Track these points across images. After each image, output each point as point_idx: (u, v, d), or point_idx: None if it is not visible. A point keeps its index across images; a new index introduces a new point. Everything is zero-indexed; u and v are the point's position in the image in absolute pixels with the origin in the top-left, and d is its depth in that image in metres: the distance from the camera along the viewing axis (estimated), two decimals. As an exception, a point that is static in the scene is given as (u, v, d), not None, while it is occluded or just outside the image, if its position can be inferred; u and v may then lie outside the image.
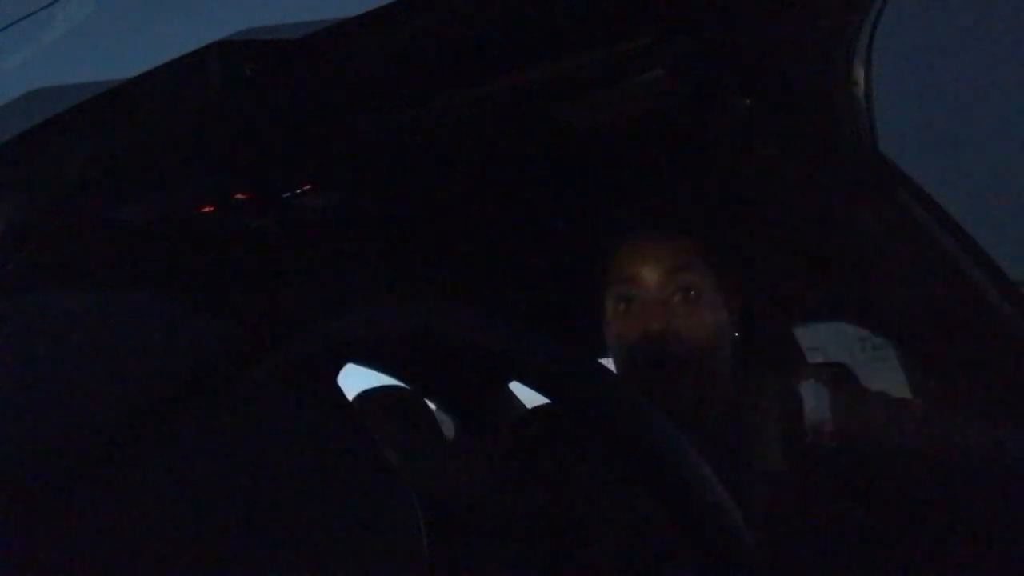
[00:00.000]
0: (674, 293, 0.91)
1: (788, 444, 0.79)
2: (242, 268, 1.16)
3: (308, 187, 0.96)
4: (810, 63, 0.81)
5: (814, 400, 0.82)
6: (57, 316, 0.34)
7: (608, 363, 0.95)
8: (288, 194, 0.96)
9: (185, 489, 0.28)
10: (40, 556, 0.25)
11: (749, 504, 0.39)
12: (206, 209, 0.96)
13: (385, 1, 0.60)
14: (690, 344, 0.88)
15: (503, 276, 1.33)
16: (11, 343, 0.32)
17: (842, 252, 1.09)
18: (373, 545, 0.31)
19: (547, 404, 0.91)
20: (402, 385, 1.80)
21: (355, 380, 1.83)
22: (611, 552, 0.70)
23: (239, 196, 0.95)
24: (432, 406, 1.79)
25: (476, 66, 0.76)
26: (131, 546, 0.26)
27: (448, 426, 1.91)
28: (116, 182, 0.88)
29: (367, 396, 1.63)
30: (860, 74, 0.84)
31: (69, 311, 0.35)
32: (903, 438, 0.76)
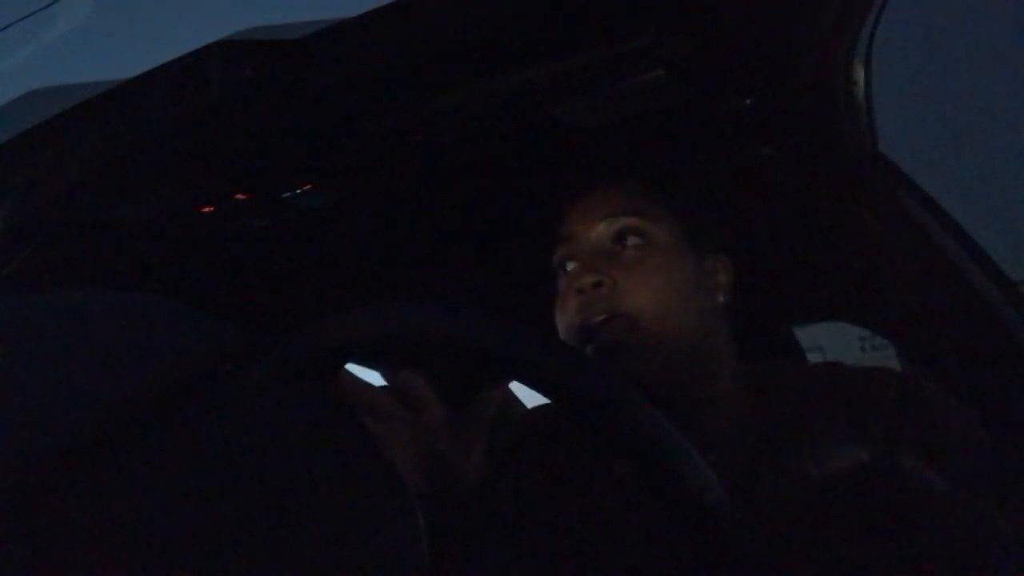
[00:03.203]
0: (615, 242, 0.76)
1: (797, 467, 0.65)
2: (242, 268, 1.16)
3: (308, 187, 0.96)
4: (810, 63, 0.81)
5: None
6: (57, 316, 0.34)
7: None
8: (288, 194, 0.96)
9: (184, 489, 0.28)
10: (38, 556, 0.25)
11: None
12: (206, 209, 0.96)
13: (385, 1, 0.60)
14: (638, 299, 0.71)
15: (503, 276, 1.33)
16: (11, 343, 0.32)
17: (842, 252, 1.09)
18: (373, 545, 0.31)
19: (547, 404, 0.90)
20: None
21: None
22: (611, 552, 0.70)
23: (239, 196, 0.95)
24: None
25: (477, 66, 0.76)
26: (130, 546, 0.26)
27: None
28: (116, 182, 0.88)
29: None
30: (860, 74, 0.84)
31: (69, 311, 0.35)
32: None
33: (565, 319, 0.75)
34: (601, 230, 0.76)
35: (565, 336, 0.76)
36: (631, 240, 0.75)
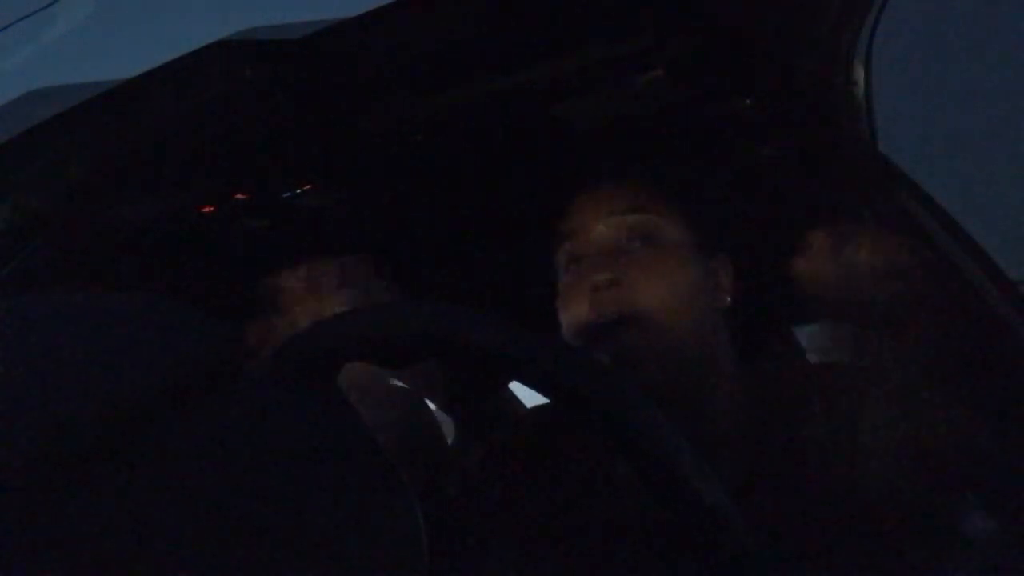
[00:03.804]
0: (629, 240, 0.75)
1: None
2: (242, 268, 1.16)
3: (308, 187, 0.96)
4: (810, 63, 0.81)
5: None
6: (57, 316, 0.34)
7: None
8: (288, 194, 0.96)
9: (184, 489, 0.28)
10: (38, 556, 0.25)
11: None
12: (206, 209, 0.96)
13: (385, 1, 0.60)
14: (652, 300, 0.70)
15: (503, 276, 1.33)
16: (10, 343, 0.32)
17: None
18: (373, 545, 0.31)
19: (546, 404, 0.90)
20: (402, 385, 1.79)
21: (355, 380, 1.83)
22: (610, 552, 0.70)
23: (239, 196, 0.95)
24: (432, 406, 1.78)
25: (476, 66, 0.76)
26: (128, 547, 0.26)
27: (448, 426, 1.91)
28: (116, 182, 0.88)
29: (367, 396, 1.63)
30: (860, 74, 0.84)
31: (69, 311, 0.35)
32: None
33: (575, 315, 0.73)
34: (616, 226, 0.75)
35: (572, 332, 0.74)
36: (647, 239, 0.74)
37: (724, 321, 0.78)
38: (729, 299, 0.79)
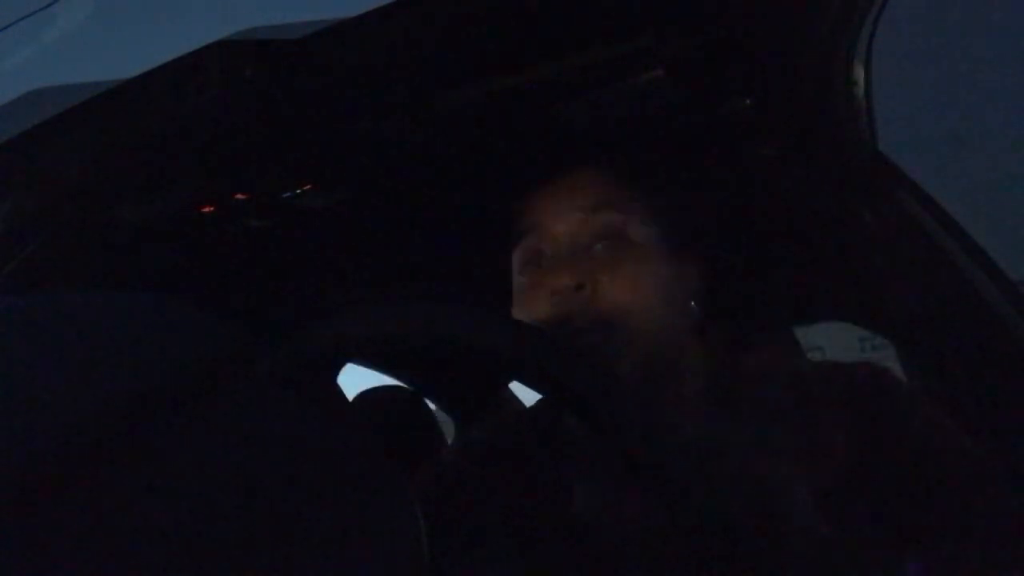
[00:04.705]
0: (595, 240, 0.70)
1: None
2: (242, 268, 1.16)
3: (308, 187, 0.96)
4: (810, 63, 0.81)
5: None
6: (57, 316, 0.35)
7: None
8: (288, 194, 0.96)
9: (184, 489, 0.28)
10: (38, 556, 0.25)
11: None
12: (206, 209, 0.96)
13: (385, 1, 0.60)
14: (620, 306, 0.66)
15: (503, 276, 1.33)
16: (10, 343, 0.32)
17: (842, 252, 1.09)
18: (373, 545, 0.31)
19: (541, 401, 0.89)
20: (402, 385, 1.80)
21: (355, 380, 1.84)
22: (608, 551, 0.70)
23: (239, 196, 0.95)
24: (432, 406, 1.79)
25: (476, 66, 0.76)
26: (129, 546, 0.26)
27: (448, 426, 1.92)
28: (116, 182, 0.88)
29: (367, 396, 1.63)
30: (860, 74, 0.84)
31: (69, 311, 0.35)
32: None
33: (535, 312, 0.69)
34: (579, 225, 0.70)
35: None
36: (611, 239, 0.70)
37: (693, 330, 0.74)
38: (697, 306, 0.74)
